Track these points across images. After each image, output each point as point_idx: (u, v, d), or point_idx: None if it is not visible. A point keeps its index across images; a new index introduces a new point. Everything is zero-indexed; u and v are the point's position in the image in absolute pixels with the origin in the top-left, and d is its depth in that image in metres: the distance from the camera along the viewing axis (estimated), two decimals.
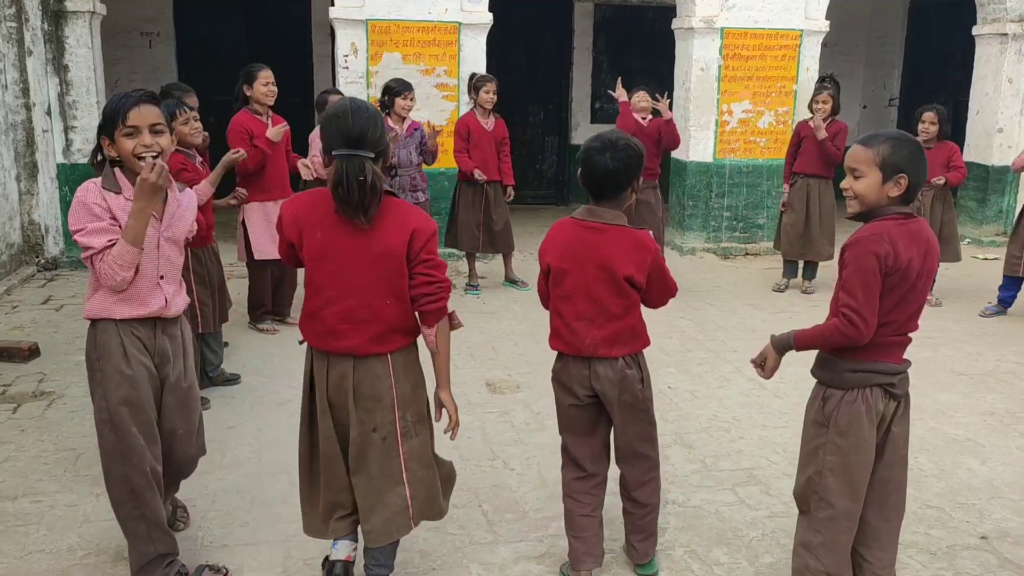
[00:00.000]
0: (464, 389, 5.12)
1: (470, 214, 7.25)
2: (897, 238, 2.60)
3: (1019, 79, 9.30)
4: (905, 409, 2.81)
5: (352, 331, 2.68)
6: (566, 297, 2.97)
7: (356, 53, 7.98)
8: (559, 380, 3.08)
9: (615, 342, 2.95)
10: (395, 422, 2.76)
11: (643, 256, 2.90)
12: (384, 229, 2.62)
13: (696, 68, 8.72)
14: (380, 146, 2.59)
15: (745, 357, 5.77)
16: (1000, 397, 5.08)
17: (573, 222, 2.97)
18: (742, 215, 9.10)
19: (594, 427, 3.10)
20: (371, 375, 2.71)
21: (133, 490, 2.95)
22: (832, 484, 2.76)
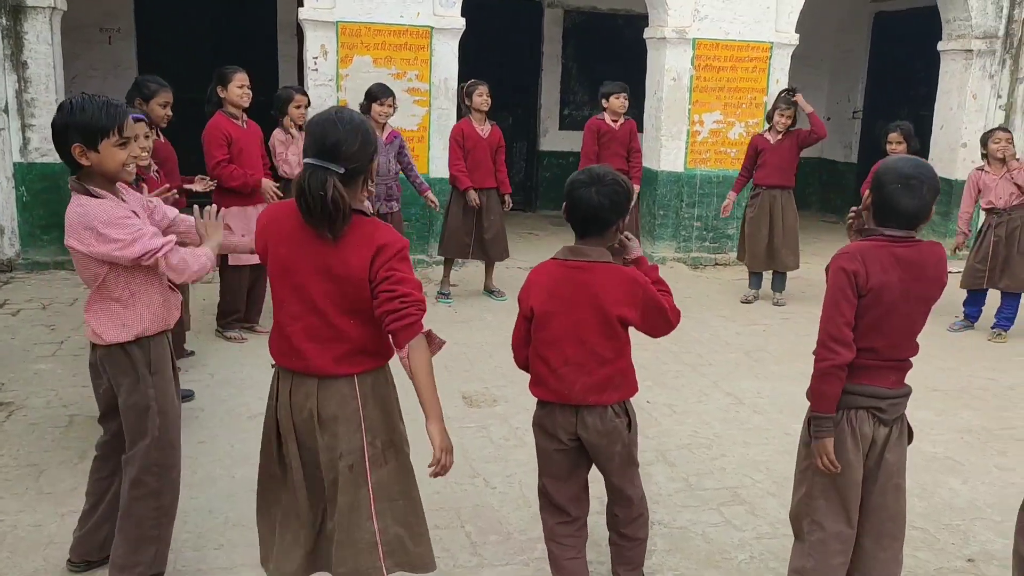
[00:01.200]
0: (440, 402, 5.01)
1: (460, 221, 7.14)
2: (873, 258, 2.61)
3: (983, 95, 9.46)
4: (900, 436, 2.78)
5: (316, 351, 2.50)
6: (552, 342, 2.81)
7: (326, 55, 7.83)
8: (542, 427, 2.93)
9: (605, 388, 2.81)
10: (363, 448, 2.54)
11: (634, 291, 2.76)
12: (348, 247, 2.43)
13: (668, 78, 8.72)
14: (355, 162, 2.41)
15: (720, 371, 5.76)
16: (975, 414, 5.12)
17: (556, 263, 2.84)
18: (712, 225, 9.12)
19: (575, 469, 2.98)
20: (337, 396, 2.52)
21: (161, 507, 2.98)
22: (822, 506, 2.76)
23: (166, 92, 4.97)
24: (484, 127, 7.06)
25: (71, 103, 2.73)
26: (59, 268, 7.52)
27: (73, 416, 4.58)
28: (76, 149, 2.71)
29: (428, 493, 3.87)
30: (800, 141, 7.27)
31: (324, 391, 2.53)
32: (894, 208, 2.63)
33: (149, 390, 2.89)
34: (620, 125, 7.31)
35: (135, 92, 4.98)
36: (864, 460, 2.74)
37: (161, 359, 2.96)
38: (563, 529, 3.02)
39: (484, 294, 7.48)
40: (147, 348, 2.91)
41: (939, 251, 2.73)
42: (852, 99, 12.51)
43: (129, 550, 2.94)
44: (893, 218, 2.65)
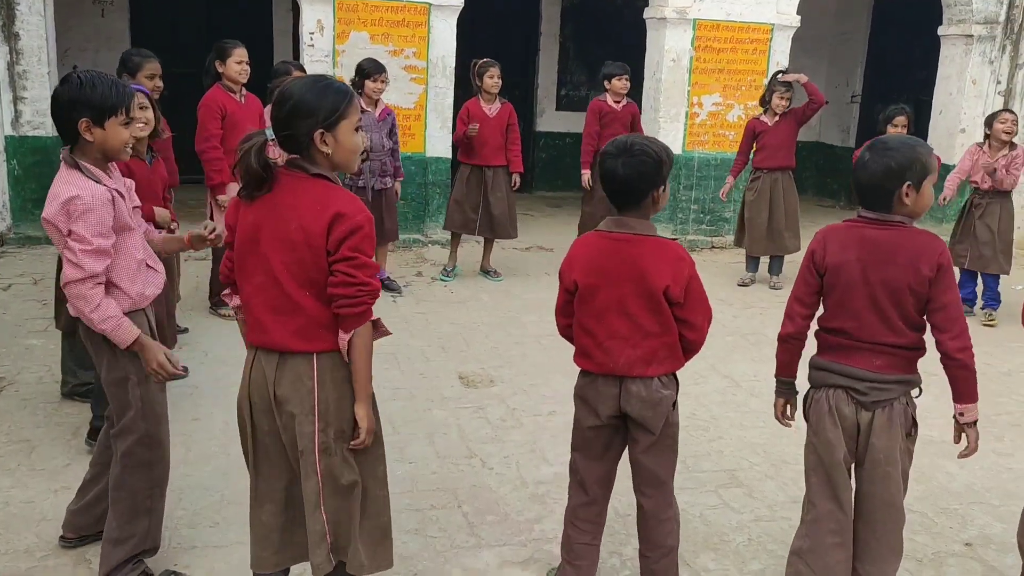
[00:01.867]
0: (437, 383, 5.00)
1: (465, 195, 7.08)
2: (836, 239, 2.67)
3: (983, 80, 9.42)
4: (889, 422, 2.72)
5: (275, 323, 2.42)
6: (598, 315, 2.74)
7: (322, 31, 7.74)
8: (583, 398, 2.86)
9: (651, 361, 2.73)
10: (314, 434, 2.44)
11: (680, 268, 2.68)
12: (302, 210, 2.35)
13: (667, 59, 8.65)
14: (286, 129, 2.37)
15: (718, 354, 5.74)
16: None
17: (599, 235, 2.76)
18: (709, 208, 9.08)
19: (607, 450, 2.90)
20: (292, 374, 2.43)
21: (152, 478, 2.97)
22: (814, 484, 2.80)
23: (152, 63, 4.87)
24: (492, 107, 7.01)
25: (80, 78, 2.71)
26: (51, 243, 7.42)
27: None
28: (83, 124, 2.70)
29: (425, 474, 3.90)
30: (799, 119, 7.24)
31: (282, 368, 2.45)
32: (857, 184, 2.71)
33: (127, 364, 2.86)
34: (622, 107, 7.28)
35: (121, 68, 4.90)
36: (855, 446, 2.74)
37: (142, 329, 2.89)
38: (582, 511, 2.96)
39: (480, 274, 7.43)
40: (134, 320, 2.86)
41: (923, 240, 2.63)
42: (851, 83, 12.45)
43: (122, 523, 2.92)
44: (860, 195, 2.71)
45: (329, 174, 2.42)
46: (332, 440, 2.47)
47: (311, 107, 2.35)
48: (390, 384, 4.86)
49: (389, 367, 5.15)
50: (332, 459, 2.47)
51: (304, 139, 2.37)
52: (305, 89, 2.38)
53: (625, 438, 2.89)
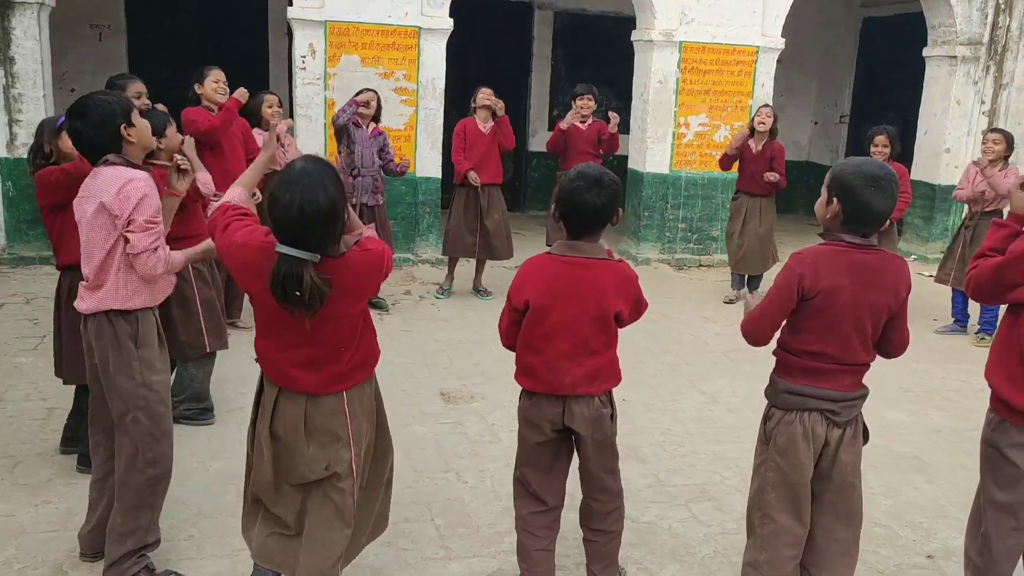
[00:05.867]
0: (418, 399, 5.08)
1: (462, 219, 7.19)
2: (824, 262, 2.66)
3: (967, 101, 9.53)
4: (855, 437, 2.82)
5: (306, 375, 2.57)
6: (548, 335, 2.87)
7: (314, 54, 7.88)
8: (527, 418, 2.99)
9: (595, 379, 2.90)
10: (350, 460, 2.64)
11: (630, 290, 2.88)
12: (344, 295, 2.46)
13: (655, 80, 8.78)
14: (331, 243, 2.41)
15: (697, 370, 5.82)
16: (946, 415, 5.18)
17: (552, 258, 2.88)
18: (696, 227, 9.18)
19: (556, 461, 3.04)
20: (326, 410, 2.60)
21: (157, 477, 3.08)
22: (773, 499, 2.83)
23: (135, 84, 4.97)
24: (486, 124, 7.13)
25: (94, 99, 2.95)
26: (44, 263, 7.54)
27: (52, 409, 4.62)
28: (124, 128, 2.95)
29: (400, 488, 3.94)
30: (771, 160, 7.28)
31: (313, 406, 2.60)
32: (868, 210, 2.63)
33: (134, 363, 2.99)
34: (588, 126, 7.40)
35: None
36: (818, 460, 2.80)
37: (148, 334, 3.05)
38: (537, 519, 3.07)
39: (472, 292, 7.52)
40: (134, 322, 3.01)
41: (900, 264, 2.75)
42: (839, 104, 12.59)
43: (126, 517, 3.05)
44: (866, 222, 2.66)
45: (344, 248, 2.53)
46: (365, 461, 2.72)
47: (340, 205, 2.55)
48: None
49: None
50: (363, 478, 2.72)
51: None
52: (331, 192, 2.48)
53: (571, 448, 3.00)
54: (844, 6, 12.18)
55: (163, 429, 3.08)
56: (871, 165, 2.69)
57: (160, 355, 3.11)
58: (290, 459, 2.63)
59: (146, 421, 3.02)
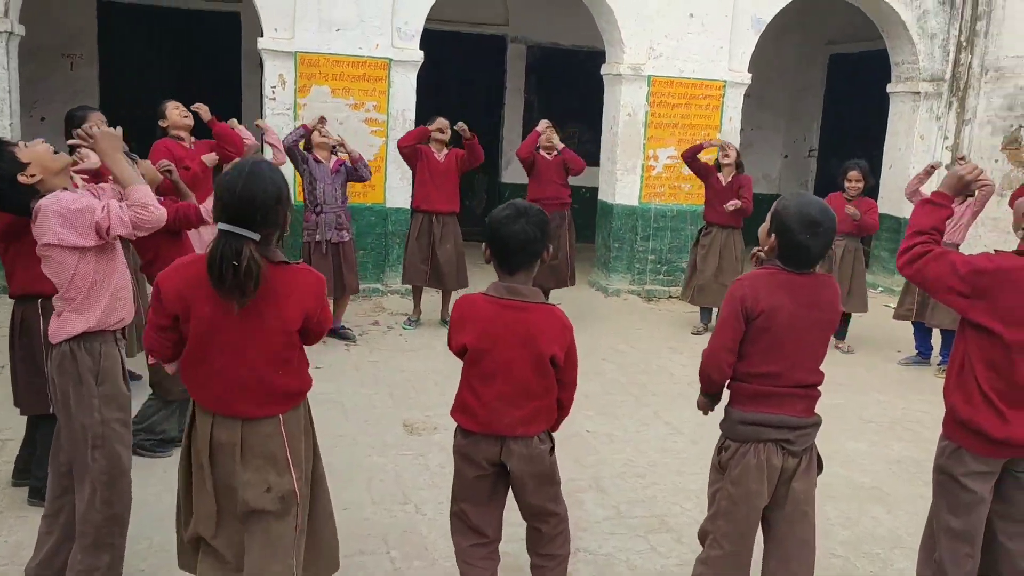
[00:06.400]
0: (381, 430, 5.04)
1: (416, 248, 7.22)
2: (762, 284, 2.75)
3: (930, 136, 9.71)
4: (808, 465, 2.87)
5: (241, 399, 2.56)
6: (486, 377, 2.85)
7: (284, 85, 7.90)
8: (464, 455, 2.96)
9: (533, 420, 2.87)
10: (292, 483, 2.61)
11: (565, 336, 2.86)
12: (276, 305, 2.49)
13: (624, 113, 8.88)
14: (272, 225, 2.46)
15: (662, 401, 5.83)
16: (907, 445, 5.21)
17: (488, 300, 2.85)
18: (666, 258, 9.24)
19: (495, 494, 3.02)
20: (261, 434, 2.58)
21: (113, 517, 3.02)
22: (723, 527, 2.89)
23: (95, 114, 5.00)
24: (441, 153, 7.18)
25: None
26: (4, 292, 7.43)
27: (6, 441, 4.54)
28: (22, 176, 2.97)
29: (357, 519, 3.93)
30: (739, 191, 7.38)
31: (249, 430, 2.58)
32: (803, 254, 2.75)
33: (94, 399, 2.94)
34: (553, 156, 7.54)
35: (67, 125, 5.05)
36: (773, 488, 2.83)
37: (110, 370, 3.00)
38: (477, 551, 3.04)
39: (440, 323, 7.50)
40: (96, 354, 2.96)
41: (833, 284, 2.87)
42: (808, 138, 12.79)
43: (87, 555, 2.99)
44: (800, 263, 2.77)
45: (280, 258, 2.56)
46: (305, 485, 2.67)
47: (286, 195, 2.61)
48: (333, 431, 4.89)
49: (335, 415, 5.19)
50: (304, 501, 2.67)
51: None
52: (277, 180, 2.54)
53: (507, 481, 2.99)
54: (811, 43, 12.40)
55: (120, 469, 3.03)
56: (813, 208, 2.75)
57: (123, 391, 3.07)
58: (229, 487, 2.59)
59: (103, 461, 2.97)
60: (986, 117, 9.39)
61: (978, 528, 2.84)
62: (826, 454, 4.93)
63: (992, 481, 2.82)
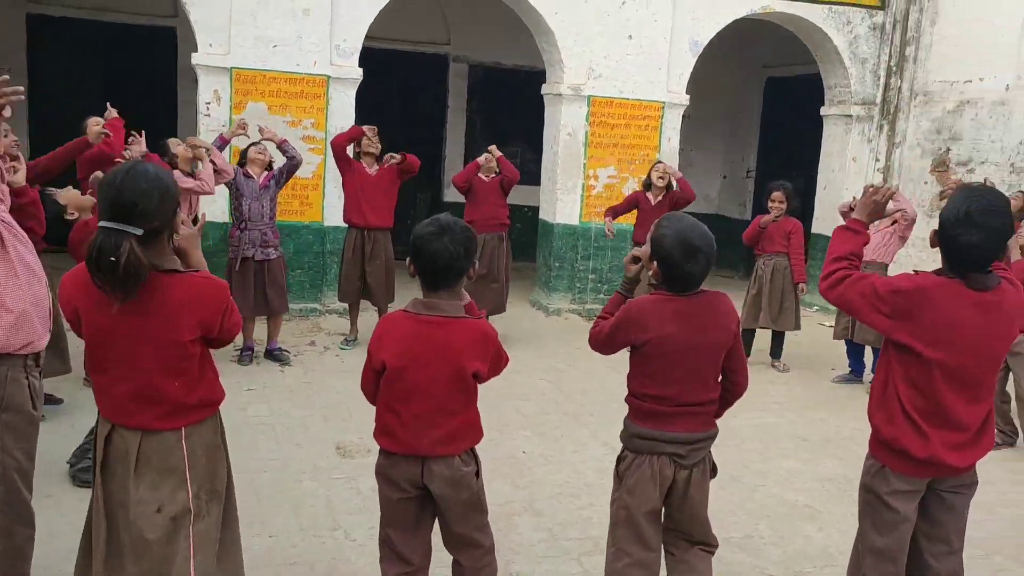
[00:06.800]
0: (313, 453, 4.93)
1: (350, 265, 7.15)
2: (653, 313, 2.81)
3: (862, 158, 9.94)
4: (703, 476, 2.95)
5: (140, 410, 2.48)
6: (404, 396, 2.78)
7: (219, 101, 7.77)
8: (386, 477, 2.88)
9: (454, 439, 2.81)
10: (187, 500, 2.51)
11: (487, 348, 2.81)
12: (167, 313, 2.41)
13: (564, 133, 8.92)
14: (154, 220, 2.37)
15: (600, 420, 5.81)
16: (839, 463, 5.27)
17: (408, 316, 2.79)
18: (606, 277, 9.27)
19: (421, 519, 2.94)
20: (162, 448, 2.49)
21: (14, 547, 2.89)
22: (623, 535, 2.95)
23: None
24: (372, 169, 7.12)
25: None
26: None
27: None
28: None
29: (285, 547, 3.82)
30: (672, 203, 7.49)
31: (147, 441, 2.50)
32: (683, 280, 2.82)
33: None
34: (491, 178, 7.57)
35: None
36: (669, 496, 2.92)
37: (15, 396, 2.85)
38: None
39: None
40: (2, 382, 2.81)
41: (725, 301, 2.91)
42: (746, 159, 13.00)
43: None
44: (682, 287, 2.84)
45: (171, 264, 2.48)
46: (205, 503, 2.52)
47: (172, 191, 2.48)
48: (262, 455, 4.77)
49: (265, 438, 5.07)
50: (203, 521, 2.54)
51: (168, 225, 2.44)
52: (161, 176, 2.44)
53: (434, 505, 2.91)
54: (748, 66, 12.63)
55: (20, 499, 2.89)
56: (692, 234, 2.79)
57: (29, 421, 2.92)
58: (122, 503, 2.49)
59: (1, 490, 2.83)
60: (915, 140, 9.65)
61: (902, 547, 2.85)
62: (760, 473, 5.02)
63: (916, 500, 2.84)
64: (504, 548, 3.76)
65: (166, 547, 2.48)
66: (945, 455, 2.73)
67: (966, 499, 2.88)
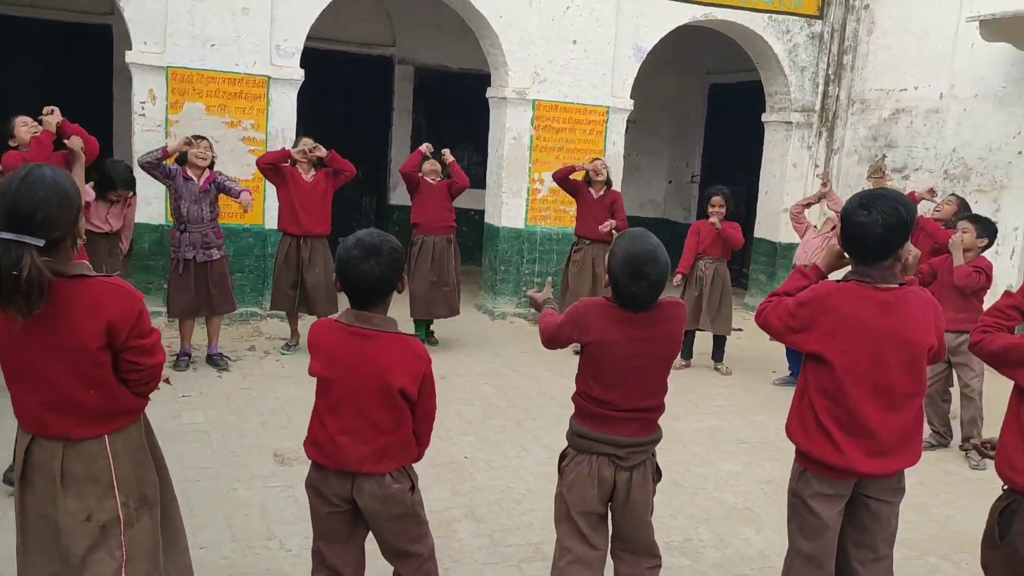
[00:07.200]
0: (249, 461, 4.81)
1: (283, 273, 7.03)
2: (598, 318, 2.82)
3: (802, 164, 10.10)
4: (644, 478, 2.93)
5: (58, 419, 2.38)
6: (332, 408, 2.71)
7: (154, 100, 7.57)
8: (316, 489, 2.81)
9: (383, 457, 2.72)
10: (116, 508, 2.44)
11: (418, 367, 2.73)
12: (73, 321, 2.30)
13: (509, 137, 8.89)
14: (56, 230, 2.24)
15: (542, 425, 5.79)
16: (777, 465, 5.32)
17: (338, 327, 2.72)
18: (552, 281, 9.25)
19: (352, 532, 2.86)
20: (85, 457, 2.40)
21: None
22: (565, 531, 2.96)
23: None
24: (308, 175, 7.00)
25: None
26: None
27: None
28: None
29: (216, 559, 3.71)
30: (612, 204, 7.53)
31: (71, 451, 2.41)
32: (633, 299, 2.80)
33: None
34: (438, 182, 7.55)
35: None
36: (612, 498, 2.92)
37: None
38: None
39: None
40: None
41: (677, 311, 2.90)
42: (691, 164, 13.14)
43: None
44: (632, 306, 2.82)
45: (77, 269, 2.36)
46: (134, 510, 2.48)
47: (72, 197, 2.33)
48: (196, 464, 4.65)
49: (199, 445, 4.94)
50: (134, 528, 2.47)
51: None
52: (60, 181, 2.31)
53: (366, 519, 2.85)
54: (692, 73, 12.77)
55: None
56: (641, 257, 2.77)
57: None
58: (45, 516, 2.40)
59: None
60: (853, 147, 9.84)
61: (828, 552, 2.87)
62: (701, 476, 5.05)
63: (840, 505, 2.85)
64: (444, 555, 3.70)
65: (95, 556, 2.42)
66: (859, 463, 2.74)
67: (892, 507, 2.89)
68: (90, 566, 2.42)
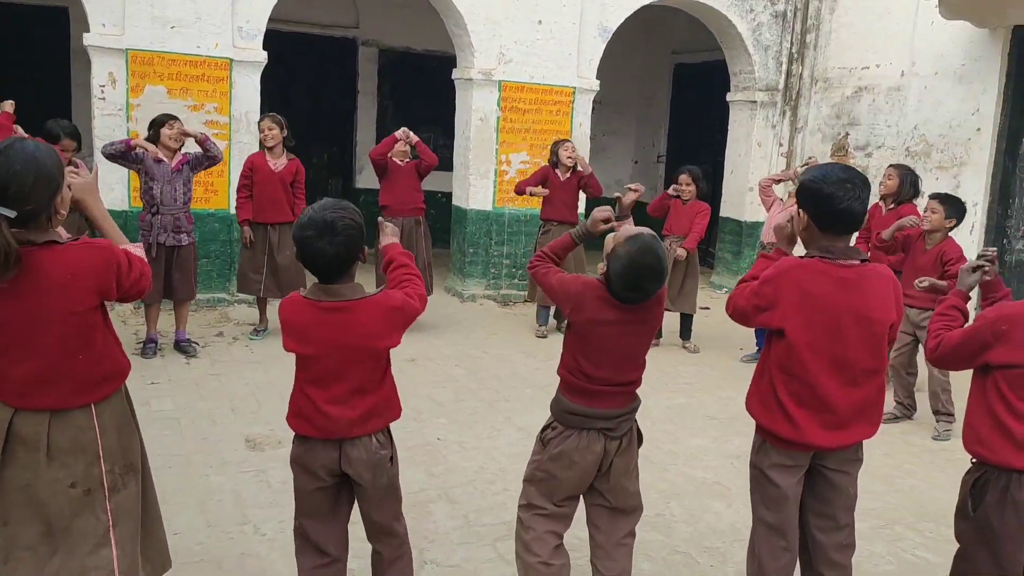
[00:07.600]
0: (220, 447, 4.79)
1: (250, 257, 6.99)
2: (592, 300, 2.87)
3: (767, 143, 10.19)
4: (629, 444, 3.01)
5: (45, 390, 2.41)
6: (317, 381, 2.73)
7: (114, 84, 7.44)
8: (302, 464, 2.82)
9: (370, 417, 2.78)
10: (101, 476, 2.49)
11: (396, 319, 2.78)
12: (54, 289, 2.33)
13: (475, 118, 8.87)
14: (30, 203, 2.27)
15: (515, 406, 5.82)
16: (745, 440, 5.30)
17: (308, 304, 2.71)
18: (520, 263, 9.27)
19: (337, 508, 2.90)
20: (72, 427, 2.44)
21: None
22: (534, 491, 3.03)
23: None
24: (277, 161, 6.92)
25: None
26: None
27: None
28: None
29: (190, 545, 3.70)
30: (580, 183, 7.58)
31: (57, 422, 2.44)
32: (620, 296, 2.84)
33: None
34: (406, 163, 7.54)
35: None
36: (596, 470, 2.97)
37: None
38: (322, 572, 2.92)
39: None
40: None
41: (661, 299, 2.98)
42: (656, 144, 13.19)
43: None
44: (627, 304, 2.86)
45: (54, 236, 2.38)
46: (120, 476, 2.53)
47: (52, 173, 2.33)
48: (166, 451, 4.61)
49: (169, 432, 4.91)
50: (120, 494, 2.53)
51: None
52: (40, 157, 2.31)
53: (351, 494, 2.90)
54: (657, 52, 12.81)
55: None
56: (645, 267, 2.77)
57: None
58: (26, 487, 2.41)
59: None
60: (816, 125, 9.94)
61: (790, 522, 2.92)
62: (671, 452, 5.11)
63: (798, 475, 2.89)
64: (419, 536, 3.73)
65: (83, 520, 2.45)
66: (816, 437, 2.78)
67: (850, 477, 2.94)
68: (76, 530, 2.46)
